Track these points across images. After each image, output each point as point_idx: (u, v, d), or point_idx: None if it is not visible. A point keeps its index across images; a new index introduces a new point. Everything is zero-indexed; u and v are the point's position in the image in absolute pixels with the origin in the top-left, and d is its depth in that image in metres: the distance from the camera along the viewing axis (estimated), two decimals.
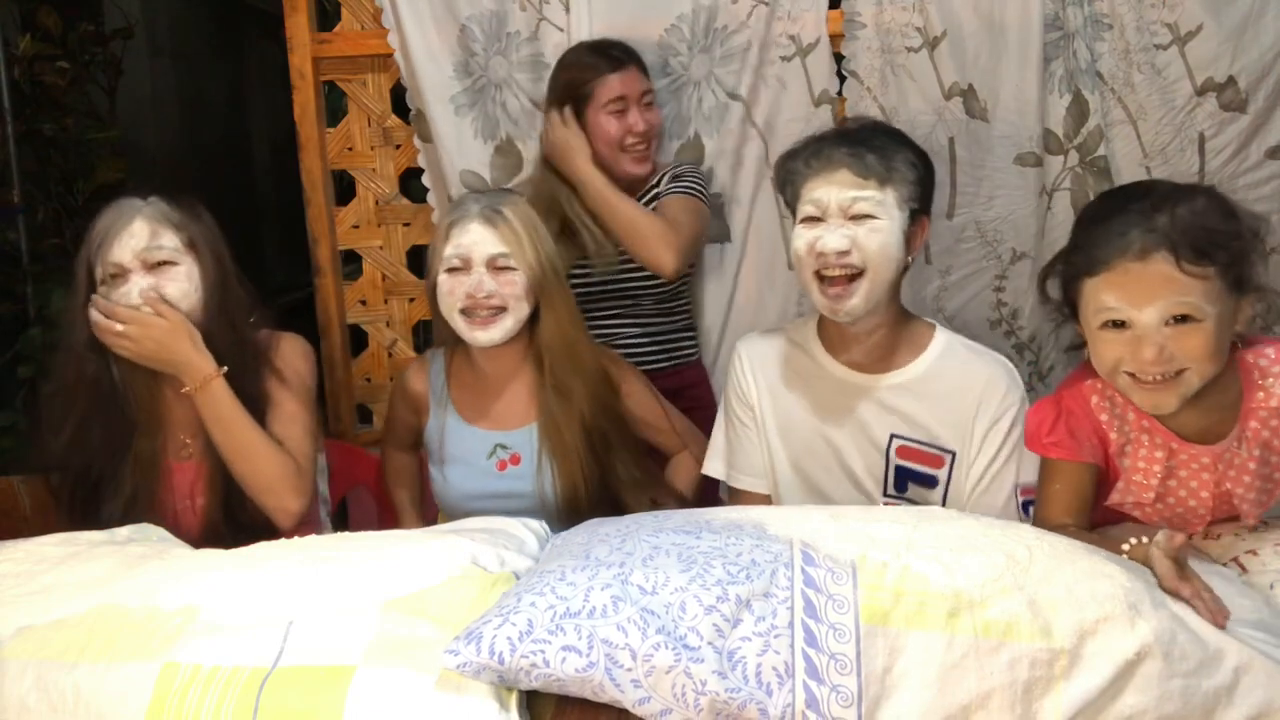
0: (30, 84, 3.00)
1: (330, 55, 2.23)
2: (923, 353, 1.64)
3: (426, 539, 1.37)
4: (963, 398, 1.60)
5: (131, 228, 1.59)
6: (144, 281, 1.58)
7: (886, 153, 1.57)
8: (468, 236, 1.69)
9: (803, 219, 1.60)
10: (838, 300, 1.56)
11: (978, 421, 1.60)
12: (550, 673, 1.07)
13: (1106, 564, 1.16)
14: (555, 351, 1.73)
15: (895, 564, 1.15)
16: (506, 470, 1.77)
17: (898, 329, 1.65)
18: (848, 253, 1.54)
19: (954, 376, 1.62)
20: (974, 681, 1.07)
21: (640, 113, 1.99)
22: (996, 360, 1.65)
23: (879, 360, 1.65)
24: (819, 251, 1.56)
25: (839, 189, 1.55)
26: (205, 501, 1.66)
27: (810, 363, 1.69)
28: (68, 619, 1.20)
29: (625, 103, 1.97)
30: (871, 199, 1.54)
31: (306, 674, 1.10)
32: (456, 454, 1.80)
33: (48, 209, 3.07)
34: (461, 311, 1.69)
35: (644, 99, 2.01)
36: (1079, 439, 1.46)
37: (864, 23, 2.06)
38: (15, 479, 2.00)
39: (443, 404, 1.82)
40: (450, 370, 1.84)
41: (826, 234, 1.55)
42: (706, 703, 1.04)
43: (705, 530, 1.25)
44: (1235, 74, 2.00)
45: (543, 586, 1.15)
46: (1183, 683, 1.07)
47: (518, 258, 1.68)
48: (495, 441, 1.78)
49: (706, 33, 2.09)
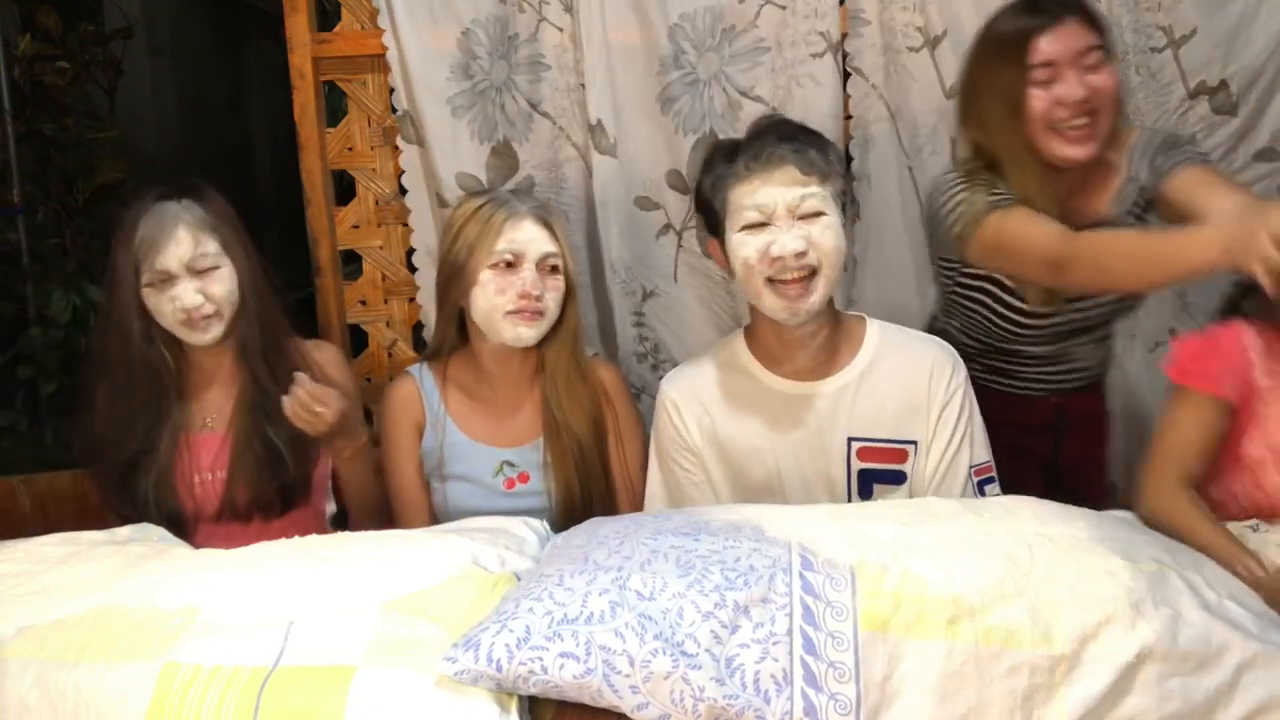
0: (30, 84, 3.01)
1: (330, 55, 2.23)
2: (861, 346, 1.61)
3: (427, 539, 1.38)
4: (913, 384, 1.58)
5: (177, 235, 1.65)
6: (192, 286, 1.65)
7: (823, 148, 1.54)
8: (522, 233, 1.63)
9: (744, 225, 1.52)
10: (798, 300, 1.51)
11: (931, 406, 1.57)
12: (548, 679, 1.06)
13: (1110, 560, 1.16)
14: (560, 363, 1.70)
15: (895, 567, 1.15)
16: (515, 489, 1.71)
17: (835, 328, 1.61)
18: (805, 253, 1.49)
19: (898, 364, 1.59)
20: (973, 690, 1.07)
21: (1078, 77, 1.57)
22: (936, 342, 1.64)
23: (822, 364, 1.60)
24: (774, 256, 1.49)
25: (784, 188, 1.50)
26: (227, 476, 1.73)
27: (749, 383, 1.62)
28: (68, 619, 1.20)
29: (1055, 69, 1.58)
30: (818, 195, 1.51)
31: (307, 674, 1.10)
32: (459, 472, 1.72)
33: (48, 209, 3.08)
34: (509, 312, 1.62)
35: (1084, 59, 1.58)
36: (1223, 372, 1.42)
37: (868, 19, 2.05)
38: (15, 479, 2.01)
39: (440, 421, 1.74)
40: (445, 383, 1.76)
41: (780, 236, 1.49)
42: (705, 709, 1.04)
43: (704, 532, 1.25)
44: (1227, 78, 2.00)
45: (540, 592, 1.14)
46: (1184, 681, 1.07)
47: (563, 260, 1.67)
48: (502, 459, 1.72)
49: (712, 32, 2.08)
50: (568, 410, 1.69)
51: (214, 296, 1.67)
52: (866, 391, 1.58)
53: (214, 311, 1.68)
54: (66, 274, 2.89)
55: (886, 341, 1.62)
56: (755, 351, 1.63)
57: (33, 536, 1.45)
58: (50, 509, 2.00)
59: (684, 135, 2.09)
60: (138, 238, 1.66)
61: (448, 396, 1.75)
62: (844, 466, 1.59)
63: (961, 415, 1.58)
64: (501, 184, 2.16)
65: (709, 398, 1.63)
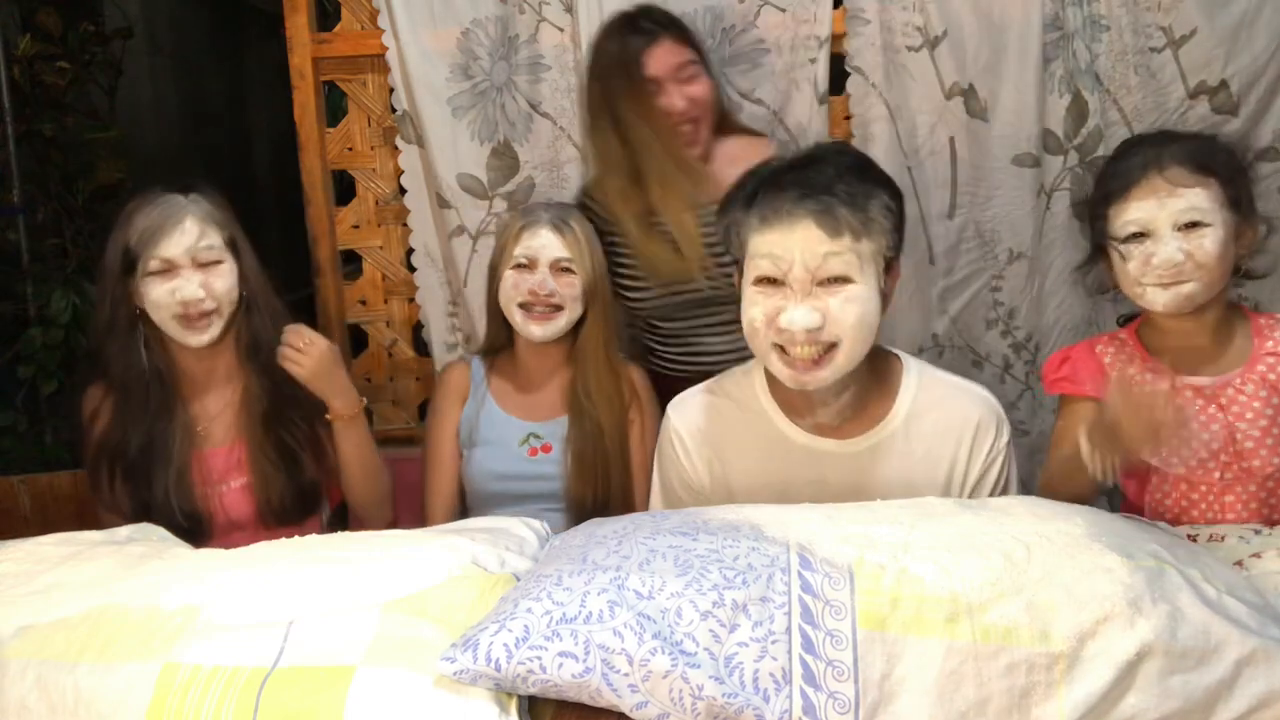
0: (30, 84, 3.00)
1: (330, 55, 2.23)
2: (896, 398, 1.45)
3: (427, 539, 1.37)
4: (954, 450, 1.44)
5: (183, 225, 1.65)
6: (194, 278, 1.65)
7: (858, 201, 1.32)
8: (537, 240, 1.82)
9: (758, 278, 1.35)
10: (806, 374, 1.36)
11: (970, 470, 1.45)
12: (547, 679, 1.06)
13: (1108, 557, 1.16)
14: (590, 356, 1.86)
15: (893, 566, 1.15)
16: (538, 456, 1.88)
17: (866, 381, 1.44)
18: (820, 329, 1.32)
19: (937, 422, 1.44)
20: (972, 688, 1.07)
21: (678, 89, 1.81)
22: (979, 397, 1.48)
23: (850, 421, 1.44)
24: (781, 328, 1.33)
25: (803, 246, 1.31)
26: (252, 484, 1.72)
27: (766, 429, 1.46)
28: (68, 619, 1.20)
29: (659, 83, 1.81)
30: (844, 258, 1.31)
31: (307, 674, 1.10)
32: (489, 437, 1.89)
33: (48, 209, 3.07)
34: (521, 305, 1.82)
35: (681, 73, 1.82)
36: (1082, 374, 1.57)
37: (868, 19, 2.05)
38: (15, 479, 2.01)
39: (481, 395, 1.92)
40: (491, 371, 1.94)
41: (791, 308, 1.32)
42: (704, 707, 1.04)
43: (702, 532, 1.25)
44: (1228, 78, 2.01)
45: (539, 592, 1.14)
46: (1184, 679, 1.07)
47: (578, 263, 1.82)
48: (529, 430, 1.90)
49: (712, 33, 2.08)
50: (594, 395, 1.85)
51: (214, 291, 1.66)
52: (899, 454, 1.43)
53: (213, 309, 1.66)
54: (66, 274, 2.89)
55: (925, 393, 1.45)
56: (775, 395, 1.48)
57: (33, 536, 1.45)
58: (50, 509, 2.00)
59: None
60: (138, 229, 1.64)
61: (490, 380, 1.95)
62: None
63: (999, 481, 1.47)
64: (502, 185, 2.17)
65: (722, 441, 1.49)
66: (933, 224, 2.12)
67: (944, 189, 2.11)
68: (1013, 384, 2.19)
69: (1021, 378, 2.19)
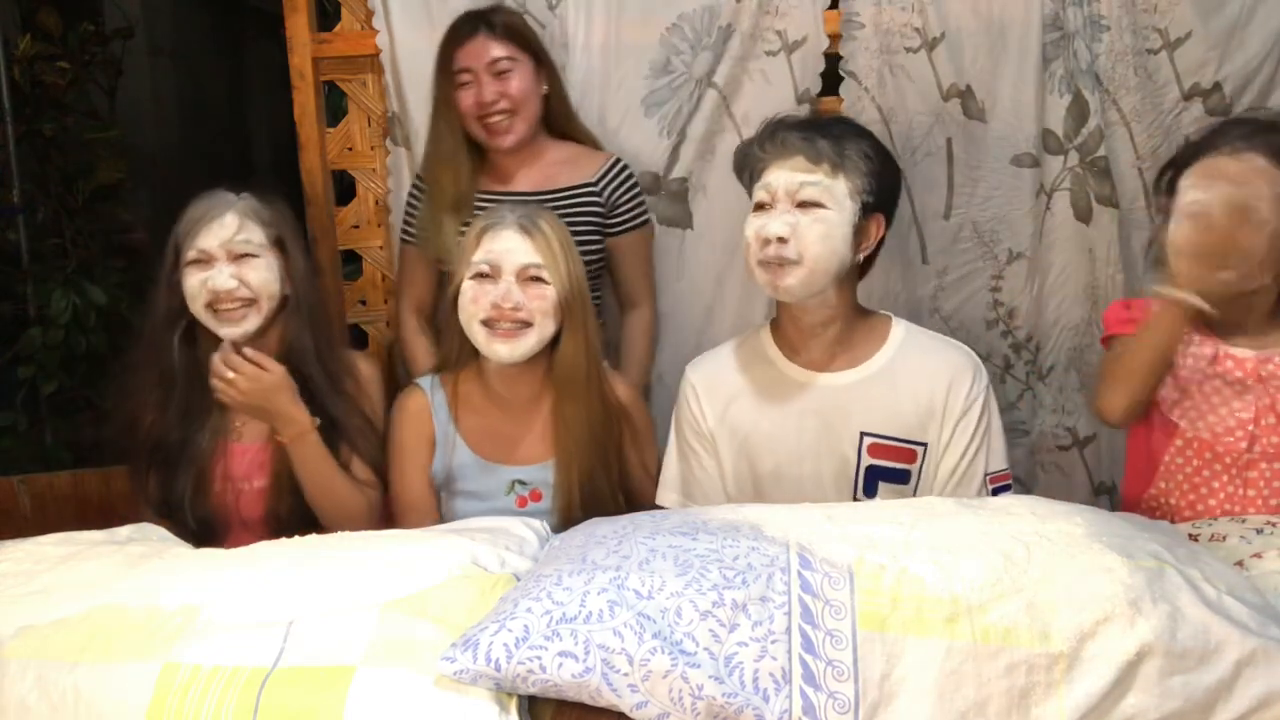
0: (30, 84, 3.00)
1: (330, 55, 2.23)
2: (883, 344, 1.63)
3: (427, 539, 1.38)
4: (931, 387, 1.59)
5: (223, 219, 1.67)
6: (226, 269, 1.64)
7: (841, 140, 1.54)
8: (500, 244, 1.61)
9: (755, 206, 1.58)
10: (778, 279, 1.53)
11: (948, 412, 1.58)
12: (547, 678, 1.07)
13: (1108, 557, 1.16)
14: (569, 379, 1.64)
15: (893, 567, 1.15)
16: (528, 506, 1.69)
17: (853, 323, 1.62)
18: (786, 241, 1.51)
19: (919, 367, 1.60)
20: (971, 688, 1.07)
21: (491, 82, 1.91)
22: (960, 349, 1.64)
23: (837, 357, 1.62)
24: (764, 239, 1.53)
25: (789, 173, 1.53)
26: (269, 486, 1.72)
27: (768, 370, 1.65)
28: (68, 619, 1.20)
29: (472, 74, 1.92)
30: (820, 184, 1.52)
31: (306, 674, 1.10)
32: (469, 489, 1.70)
33: (48, 209, 3.07)
34: (483, 322, 1.60)
35: (494, 67, 1.92)
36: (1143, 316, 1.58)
37: (862, 23, 2.06)
38: (15, 479, 2.01)
39: (450, 439, 1.70)
40: (456, 400, 1.71)
41: (770, 220, 1.53)
42: (704, 707, 1.04)
43: (702, 532, 1.25)
44: (1221, 80, 2.02)
45: (539, 592, 1.15)
46: (1184, 679, 1.07)
47: (551, 271, 1.60)
48: (513, 478, 1.70)
49: (711, 31, 2.08)
50: (579, 433, 1.65)
51: (248, 281, 1.65)
52: (883, 389, 1.59)
53: (249, 297, 1.65)
54: (66, 274, 2.89)
55: (910, 343, 1.63)
56: (778, 340, 1.66)
57: (33, 536, 1.45)
58: (50, 509, 2.00)
59: (668, 137, 2.12)
60: (186, 218, 1.67)
61: (458, 414, 1.71)
62: (854, 460, 1.60)
63: (980, 423, 1.59)
64: None
65: (729, 384, 1.66)
66: (927, 224, 2.12)
67: (940, 189, 2.11)
68: (1013, 384, 2.19)
69: (1021, 378, 2.19)
